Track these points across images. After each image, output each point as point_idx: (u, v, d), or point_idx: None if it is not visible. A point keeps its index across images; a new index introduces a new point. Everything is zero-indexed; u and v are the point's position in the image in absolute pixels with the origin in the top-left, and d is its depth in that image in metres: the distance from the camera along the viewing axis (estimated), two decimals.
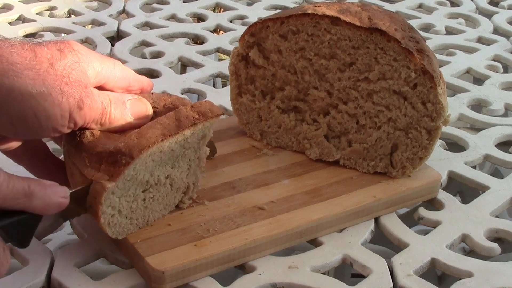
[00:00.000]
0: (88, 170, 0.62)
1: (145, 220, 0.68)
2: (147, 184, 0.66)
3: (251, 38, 0.81)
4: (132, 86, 0.69)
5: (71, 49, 0.62)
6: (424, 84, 0.75)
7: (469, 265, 0.70)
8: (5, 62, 0.57)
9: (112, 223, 0.64)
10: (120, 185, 0.63)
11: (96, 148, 0.63)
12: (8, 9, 1.24)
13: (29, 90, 0.58)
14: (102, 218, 0.63)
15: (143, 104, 0.67)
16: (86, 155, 0.63)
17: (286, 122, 0.83)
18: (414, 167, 0.78)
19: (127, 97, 0.66)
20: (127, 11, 1.26)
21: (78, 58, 0.62)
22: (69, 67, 0.61)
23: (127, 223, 0.66)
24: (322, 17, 0.77)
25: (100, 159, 0.62)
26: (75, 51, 0.63)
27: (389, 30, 0.75)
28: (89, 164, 0.62)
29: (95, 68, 0.64)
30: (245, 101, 0.85)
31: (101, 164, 0.62)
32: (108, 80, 0.66)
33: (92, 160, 0.63)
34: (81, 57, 0.63)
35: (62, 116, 0.60)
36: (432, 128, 0.76)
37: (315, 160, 0.82)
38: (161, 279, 0.63)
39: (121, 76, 0.67)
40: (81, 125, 0.62)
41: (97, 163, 0.62)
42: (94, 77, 0.64)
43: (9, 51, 0.58)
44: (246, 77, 0.84)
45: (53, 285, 0.65)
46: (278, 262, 0.69)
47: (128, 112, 0.66)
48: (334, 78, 0.79)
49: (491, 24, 1.29)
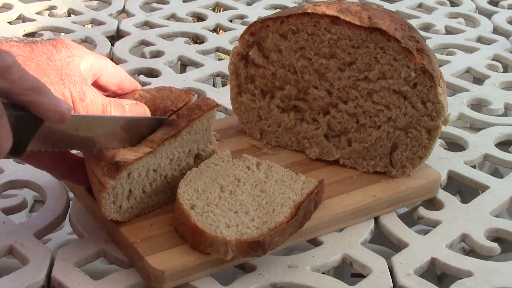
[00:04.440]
0: (105, 179, 0.64)
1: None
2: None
3: (251, 37, 0.81)
4: (124, 84, 0.70)
5: (64, 44, 0.64)
6: (424, 83, 0.75)
7: (469, 265, 0.70)
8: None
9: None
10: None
11: (115, 158, 0.65)
12: (8, 8, 1.24)
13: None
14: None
15: (141, 107, 0.69)
16: (104, 164, 0.65)
17: (286, 121, 0.83)
18: (414, 167, 0.78)
19: (125, 101, 0.68)
20: (127, 11, 1.26)
21: (71, 52, 0.64)
22: (64, 60, 0.63)
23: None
24: (322, 17, 0.77)
25: (117, 168, 0.64)
26: (67, 45, 0.65)
27: (389, 29, 0.75)
28: (107, 173, 0.64)
29: (89, 60, 0.65)
30: (245, 100, 0.85)
31: (117, 173, 0.64)
32: (102, 73, 0.67)
33: (110, 169, 0.64)
34: (73, 51, 0.65)
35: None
36: (432, 127, 0.76)
37: (315, 159, 0.82)
38: (161, 279, 0.63)
39: (113, 71, 0.69)
40: None
41: (115, 172, 0.64)
42: (90, 69, 0.66)
43: (9, 45, 0.60)
44: (246, 76, 0.84)
45: (53, 284, 0.65)
46: (278, 262, 0.69)
47: (128, 115, 0.67)
48: (334, 78, 0.79)
49: (491, 24, 1.29)
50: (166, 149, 0.69)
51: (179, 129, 0.69)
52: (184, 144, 0.71)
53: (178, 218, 0.67)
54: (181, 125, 0.69)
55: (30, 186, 0.79)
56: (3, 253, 0.69)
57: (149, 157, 0.67)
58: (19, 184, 0.79)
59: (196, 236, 0.64)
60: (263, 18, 0.80)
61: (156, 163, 0.69)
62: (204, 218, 0.66)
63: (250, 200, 0.69)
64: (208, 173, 0.71)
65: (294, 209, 0.67)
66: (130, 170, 0.66)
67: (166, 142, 0.68)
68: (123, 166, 0.65)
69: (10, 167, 0.80)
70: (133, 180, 0.67)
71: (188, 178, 0.70)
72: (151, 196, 0.70)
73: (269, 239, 0.64)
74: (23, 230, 0.71)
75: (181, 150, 0.71)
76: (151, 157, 0.68)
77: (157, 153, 0.68)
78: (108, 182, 0.64)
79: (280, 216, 0.67)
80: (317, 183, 0.71)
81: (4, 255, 0.69)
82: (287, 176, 0.73)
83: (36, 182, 0.78)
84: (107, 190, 0.65)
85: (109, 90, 0.70)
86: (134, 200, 0.68)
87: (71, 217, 0.73)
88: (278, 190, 0.70)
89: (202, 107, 0.71)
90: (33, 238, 0.70)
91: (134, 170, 0.67)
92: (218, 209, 0.67)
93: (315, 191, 0.70)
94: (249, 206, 0.68)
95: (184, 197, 0.67)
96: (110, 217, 0.66)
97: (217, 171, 0.72)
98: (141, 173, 0.68)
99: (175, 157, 0.71)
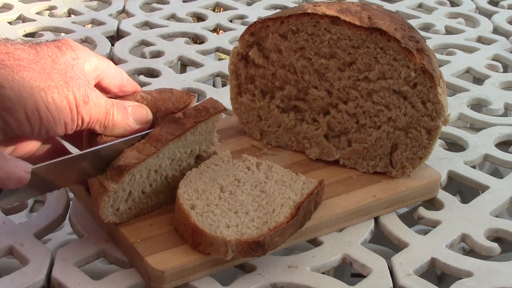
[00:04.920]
0: (108, 183, 0.65)
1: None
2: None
3: (251, 37, 0.81)
4: (125, 86, 0.71)
5: (68, 46, 0.64)
6: (424, 83, 0.75)
7: (469, 265, 0.70)
8: (12, 59, 0.59)
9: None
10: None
11: (118, 161, 0.65)
12: (8, 8, 1.24)
13: (38, 83, 0.59)
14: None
15: (144, 109, 0.69)
16: (108, 168, 0.65)
17: (286, 121, 0.83)
18: (414, 167, 0.78)
19: (128, 103, 0.68)
20: (127, 11, 1.26)
21: (76, 55, 0.64)
22: (69, 63, 0.63)
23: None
24: (322, 17, 0.77)
25: (120, 172, 0.65)
26: (72, 47, 0.64)
27: (389, 29, 0.75)
28: (110, 178, 0.65)
29: (93, 63, 0.66)
30: (245, 101, 0.85)
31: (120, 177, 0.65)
32: (105, 75, 0.68)
33: (113, 173, 0.65)
34: (78, 53, 0.65)
35: (70, 109, 0.61)
36: (432, 127, 0.76)
37: (315, 160, 0.82)
38: (160, 279, 0.63)
39: (115, 73, 0.69)
40: (87, 122, 0.63)
41: (117, 176, 0.65)
42: (93, 71, 0.66)
43: (14, 48, 0.60)
44: (246, 77, 0.84)
45: (52, 284, 0.65)
46: (278, 262, 0.69)
47: (130, 117, 0.67)
48: (334, 78, 0.79)
49: (491, 24, 1.29)
50: (168, 149, 0.69)
51: (184, 129, 0.69)
52: (187, 144, 0.71)
53: (178, 218, 0.67)
54: (187, 126, 0.69)
55: None
56: (3, 253, 0.69)
57: (151, 158, 0.67)
58: None
59: (196, 236, 0.65)
60: (263, 18, 0.80)
61: (158, 163, 0.69)
62: (204, 218, 0.66)
63: (250, 200, 0.69)
64: (208, 174, 0.71)
65: (294, 209, 0.67)
66: (132, 173, 0.66)
67: (171, 143, 0.68)
68: (126, 170, 0.65)
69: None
70: (135, 182, 0.67)
71: (188, 178, 0.70)
72: (151, 196, 0.70)
73: (269, 239, 0.64)
74: (23, 230, 0.71)
75: (183, 151, 0.71)
76: (153, 157, 0.68)
77: (159, 153, 0.68)
78: (111, 186, 0.64)
79: (280, 216, 0.67)
80: (317, 183, 0.71)
81: (4, 255, 0.69)
82: (287, 177, 0.73)
83: None
84: (108, 194, 0.65)
85: (111, 92, 0.70)
86: (133, 202, 0.68)
87: (71, 217, 0.73)
88: (278, 191, 0.70)
89: (209, 110, 0.71)
90: (33, 238, 0.70)
91: (136, 173, 0.67)
92: (218, 209, 0.67)
93: (315, 191, 0.70)
94: (249, 206, 0.68)
95: (184, 197, 0.67)
96: (107, 220, 0.66)
97: (217, 171, 0.72)
98: (143, 174, 0.68)
99: (177, 157, 0.71)
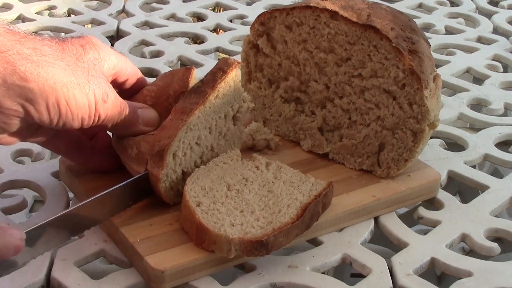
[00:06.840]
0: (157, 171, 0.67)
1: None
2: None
3: (261, 27, 0.83)
4: (138, 85, 0.73)
5: (92, 45, 0.67)
6: (411, 85, 0.75)
7: (469, 265, 0.70)
8: (39, 54, 0.61)
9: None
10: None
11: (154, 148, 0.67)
12: (8, 8, 1.24)
13: (61, 79, 0.61)
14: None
15: (151, 112, 0.72)
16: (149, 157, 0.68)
17: (286, 111, 0.84)
18: (399, 169, 0.78)
19: (138, 105, 0.71)
20: (127, 11, 1.26)
21: (98, 54, 0.67)
22: (91, 62, 0.66)
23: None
24: (322, 11, 0.78)
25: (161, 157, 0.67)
26: (95, 45, 0.67)
27: (384, 28, 0.75)
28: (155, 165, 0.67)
29: (112, 61, 0.68)
30: (253, 88, 0.86)
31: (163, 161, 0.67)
32: (122, 73, 0.70)
33: (155, 161, 0.67)
34: (100, 52, 0.67)
35: (89, 106, 0.64)
36: (418, 130, 0.76)
37: (315, 158, 0.82)
38: (160, 279, 0.63)
39: (132, 72, 0.72)
40: (103, 119, 0.66)
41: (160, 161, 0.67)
42: (112, 68, 0.69)
43: (41, 43, 0.62)
44: (255, 65, 0.85)
45: (52, 284, 0.65)
46: (277, 262, 0.69)
47: (139, 118, 0.70)
48: (331, 72, 0.80)
49: (491, 24, 1.28)
50: (199, 119, 0.70)
51: (205, 95, 0.70)
52: (216, 109, 0.71)
53: (184, 215, 0.67)
54: (207, 91, 0.70)
55: (30, 186, 0.79)
56: None
57: (184, 131, 0.68)
58: (19, 184, 0.79)
59: (201, 233, 0.65)
60: (271, 9, 0.82)
61: (196, 136, 0.70)
62: (209, 216, 0.66)
63: (257, 200, 0.69)
64: (216, 172, 0.71)
65: (300, 210, 0.67)
66: (172, 151, 0.67)
67: (196, 112, 0.69)
68: (164, 152, 0.66)
69: (10, 167, 0.80)
70: (181, 160, 0.69)
71: (195, 175, 0.70)
72: None
73: (272, 239, 0.64)
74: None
75: (216, 117, 0.72)
76: (187, 131, 0.68)
77: (191, 125, 0.69)
78: (160, 173, 0.66)
79: (285, 216, 0.67)
80: (325, 185, 0.71)
81: None
82: (296, 177, 0.73)
83: (36, 182, 0.78)
84: (162, 180, 0.67)
85: (123, 89, 0.72)
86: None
87: None
88: (285, 191, 0.70)
89: (223, 69, 0.72)
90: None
91: (176, 150, 0.68)
92: (223, 208, 0.67)
93: (323, 193, 0.70)
94: (255, 206, 0.68)
95: (190, 194, 0.68)
96: (173, 202, 0.69)
97: (225, 169, 0.72)
98: (185, 151, 0.69)
99: (213, 125, 0.72)
